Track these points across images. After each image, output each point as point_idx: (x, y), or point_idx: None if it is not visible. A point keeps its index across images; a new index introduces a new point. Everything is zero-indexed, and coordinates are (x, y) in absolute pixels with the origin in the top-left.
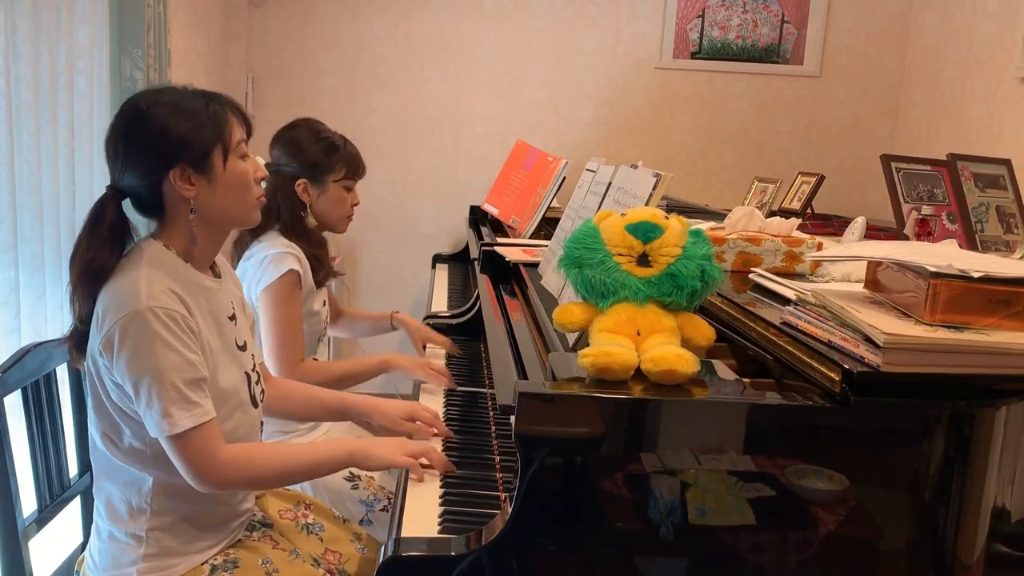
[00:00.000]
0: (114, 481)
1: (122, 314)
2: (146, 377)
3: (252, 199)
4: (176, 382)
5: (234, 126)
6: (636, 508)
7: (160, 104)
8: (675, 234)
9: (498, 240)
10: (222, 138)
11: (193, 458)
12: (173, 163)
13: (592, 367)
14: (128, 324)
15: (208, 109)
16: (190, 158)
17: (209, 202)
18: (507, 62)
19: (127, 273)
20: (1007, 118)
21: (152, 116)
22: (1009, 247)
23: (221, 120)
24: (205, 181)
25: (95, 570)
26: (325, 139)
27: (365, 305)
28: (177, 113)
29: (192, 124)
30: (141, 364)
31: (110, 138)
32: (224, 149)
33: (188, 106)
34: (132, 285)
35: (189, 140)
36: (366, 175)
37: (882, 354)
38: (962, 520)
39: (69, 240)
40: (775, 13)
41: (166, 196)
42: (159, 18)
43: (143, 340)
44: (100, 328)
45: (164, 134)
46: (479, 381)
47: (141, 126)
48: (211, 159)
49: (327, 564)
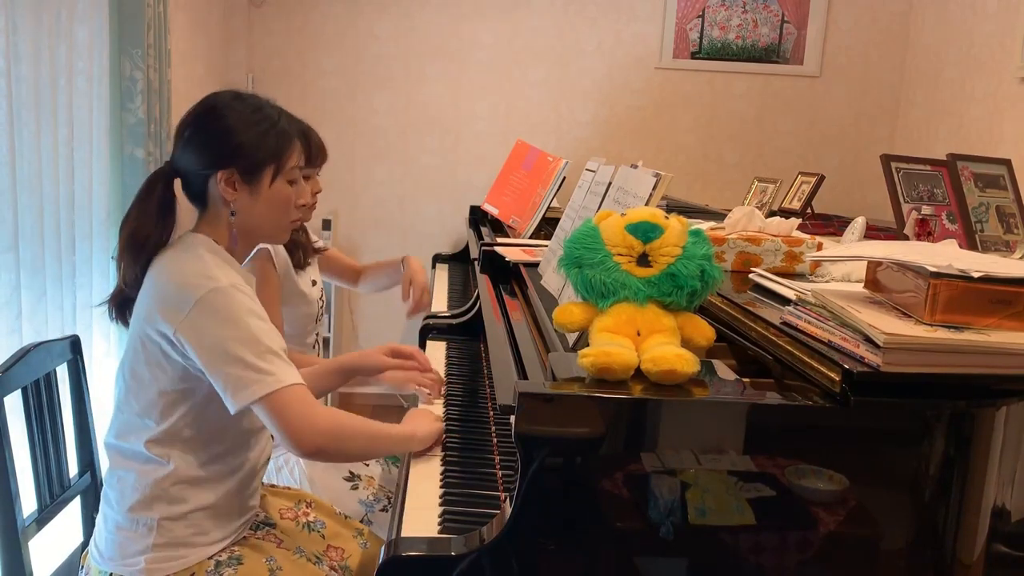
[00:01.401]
0: (132, 467)
1: (203, 292)
2: (241, 345)
3: (286, 221)
4: (271, 346)
5: (295, 151)
6: (636, 508)
7: (235, 108)
8: (675, 234)
9: (498, 240)
10: (278, 158)
11: (294, 415)
12: (225, 165)
13: (592, 367)
14: (213, 301)
15: (277, 127)
16: (242, 165)
17: (247, 211)
18: (507, 62)
19: (191, 257)
20: (1007, 118)
21: (224, 115)
22: (1009, 247)
23: (284, 140)
24: (248, 192)
25: (102, 561)
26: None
27: (366, 307)
28: (246, 121)
29: (255, 135)
30: (235, 334)
31: (183, 120)
32: (277, 169)
33: (259, 119)
34: (204, 268)
35: (247, 149)
36: (367, 175)
37: (882, 354)
38: (962, 520)
39: (70, 240)
40: (775, 13)
41: (210, 191)
42: (159, 18)
43: (232, 312)
44: (176, 309)
45: (226, 135)
46: (479, 381)
47: (211, 120)
48: (261, 174)
49: (330, 561)
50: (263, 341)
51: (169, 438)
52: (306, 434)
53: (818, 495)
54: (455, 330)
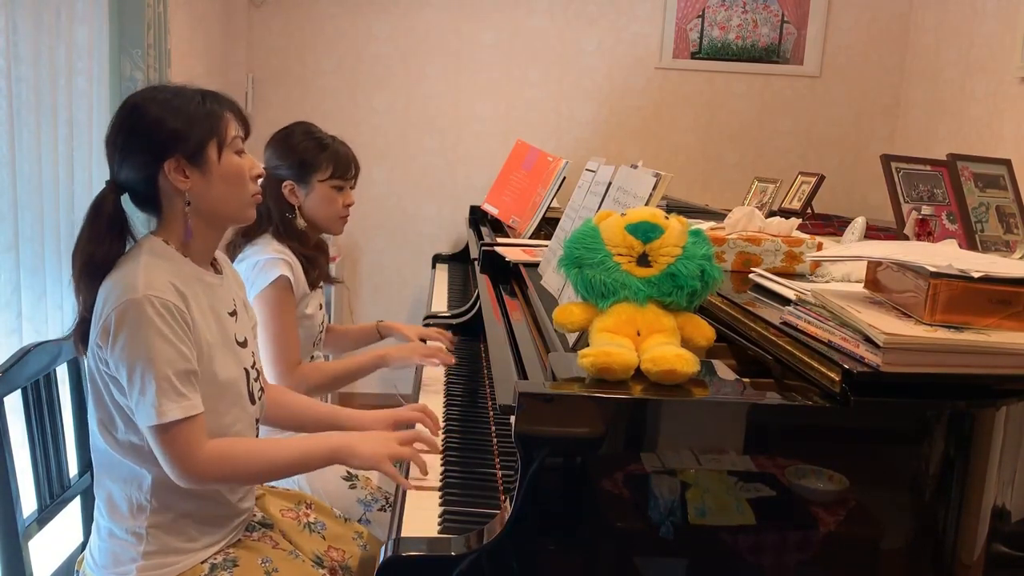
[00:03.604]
0: (115, 477)
1: (119, 302)
2: (139, 365)
3: (247, 195)
4: (168, 373)
5: (229, 122)
6: (636, 508)
7: (155, 99)
8: (675, 234)
9: (498, 240)
10: (217, 132)
11: (176, 451)
12: (167, 155)
13: (592, 367)
14: (124, 312)
15: (204, 104)
16: (184, 150)
17: (204, 194)
18: (507, 62)
19: (126, 265)
20: (1007, 118)
21: (147, 110)
22: (1009, 247)
23: (216, 115)
24: (199, 173)
25: (95, 568)
26: (314, 138)
27: (365, 305)
28: (171, 107)
29: (186, 117)
30: (135, 352)
31: (109, 133)
32: (219, 143)
33: (183, 101)
34: (130, 275)
35: (183, 132)
36: (366, 175)
37: (882, 354)
38: (962, 520)
39: (69, 240)
40: (775, 13)
41: (162, 189)
42: (159, 18)
43: (139, 328)
44: (99, 318)
45: (158, 126)
46: (479, 381)
47: (137, 120)
48: (206, 152)
49: (330, 562)
50: (159, 366)
51: (134, 448)
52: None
53: (818, 495)
54: (455, 330)
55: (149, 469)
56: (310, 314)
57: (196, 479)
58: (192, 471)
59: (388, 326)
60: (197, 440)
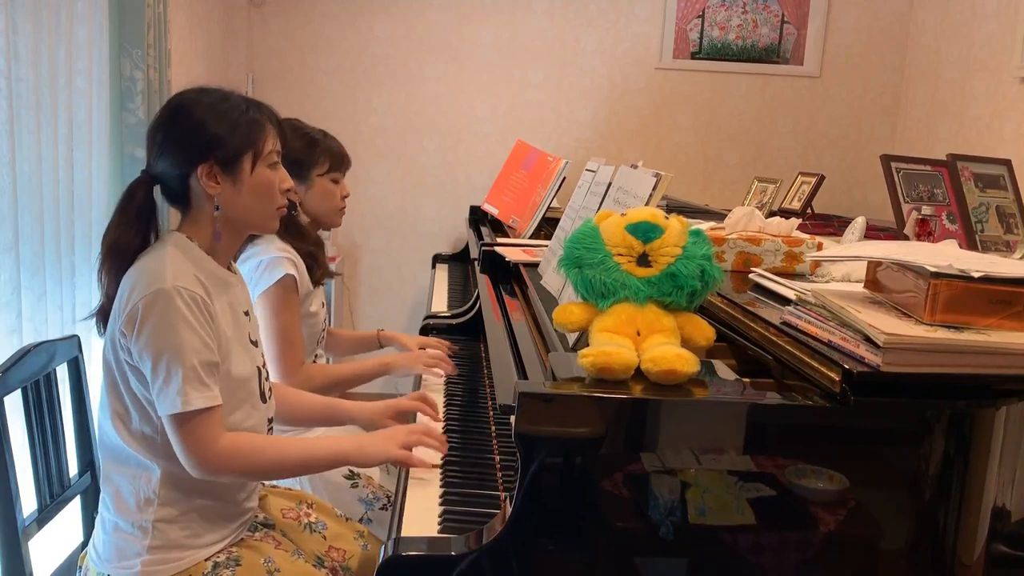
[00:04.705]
0: (123, 470)
1: (148, 292)
2: (166, 354)
3: (273, 208)
4: (195, 362)
5: (269, 136)
6: (636, 508)
7: (202, 102)
8: (675, 234)
9: (498, 240)
10: (254, 143)
11: (194, 440)
12: (203, 159)
13: (592, 367)
14: (153, 301)
15: (247, 114)
16: (220, 157)
17: (232, 203)
18: (507, 62)
19: (153, 256)
20: (1007, 118)
21: (192, 111)
22: (1009, 247)
23: (257, 127)
24: (230, 182)
25: (99, 563)
26: (304, 135)
27: (365, 305)
28: (216, 112)
29: (228, 125)
30: (163, 340)
31: (152, 125)
32: (255, 155)
33: (228, 108)
34: (158, 266)
35: (222, 139)
36: (366, 175)
37: (882, 354)
38: (962, 520)
39: (69, 240)
40: (775, 13)
41: (192, 190)
42: (159, 18)
43: (166, 317)
44: (124, 306)
45: (200, 129)
46: (479, 381)
47: (180, 118)
48: (240, 162)
49: (331, 562)
50: (186, 355)
51: (146, 440)
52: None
53: (818, 495)
54: (455, 330)
55: (158, 463)
56: (314, 312)
57: (210, 470)
58: (208, 462)
59: (389, 335)
60: (215, 432)
